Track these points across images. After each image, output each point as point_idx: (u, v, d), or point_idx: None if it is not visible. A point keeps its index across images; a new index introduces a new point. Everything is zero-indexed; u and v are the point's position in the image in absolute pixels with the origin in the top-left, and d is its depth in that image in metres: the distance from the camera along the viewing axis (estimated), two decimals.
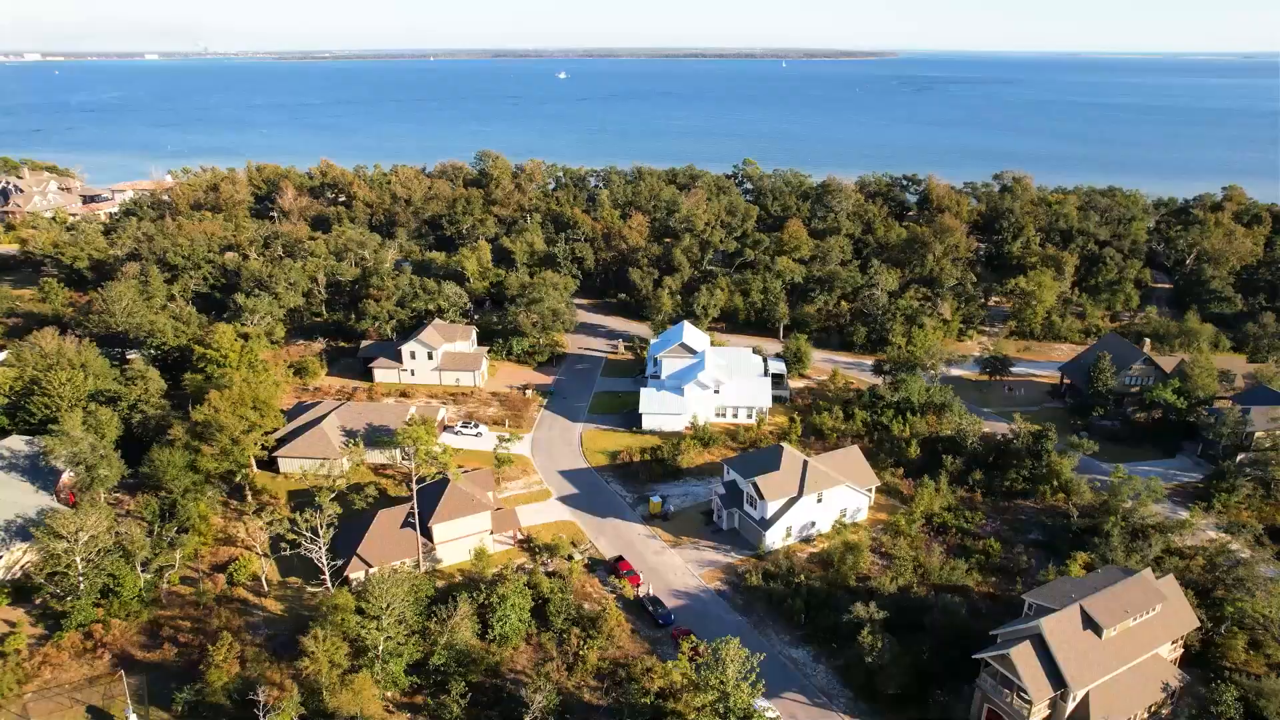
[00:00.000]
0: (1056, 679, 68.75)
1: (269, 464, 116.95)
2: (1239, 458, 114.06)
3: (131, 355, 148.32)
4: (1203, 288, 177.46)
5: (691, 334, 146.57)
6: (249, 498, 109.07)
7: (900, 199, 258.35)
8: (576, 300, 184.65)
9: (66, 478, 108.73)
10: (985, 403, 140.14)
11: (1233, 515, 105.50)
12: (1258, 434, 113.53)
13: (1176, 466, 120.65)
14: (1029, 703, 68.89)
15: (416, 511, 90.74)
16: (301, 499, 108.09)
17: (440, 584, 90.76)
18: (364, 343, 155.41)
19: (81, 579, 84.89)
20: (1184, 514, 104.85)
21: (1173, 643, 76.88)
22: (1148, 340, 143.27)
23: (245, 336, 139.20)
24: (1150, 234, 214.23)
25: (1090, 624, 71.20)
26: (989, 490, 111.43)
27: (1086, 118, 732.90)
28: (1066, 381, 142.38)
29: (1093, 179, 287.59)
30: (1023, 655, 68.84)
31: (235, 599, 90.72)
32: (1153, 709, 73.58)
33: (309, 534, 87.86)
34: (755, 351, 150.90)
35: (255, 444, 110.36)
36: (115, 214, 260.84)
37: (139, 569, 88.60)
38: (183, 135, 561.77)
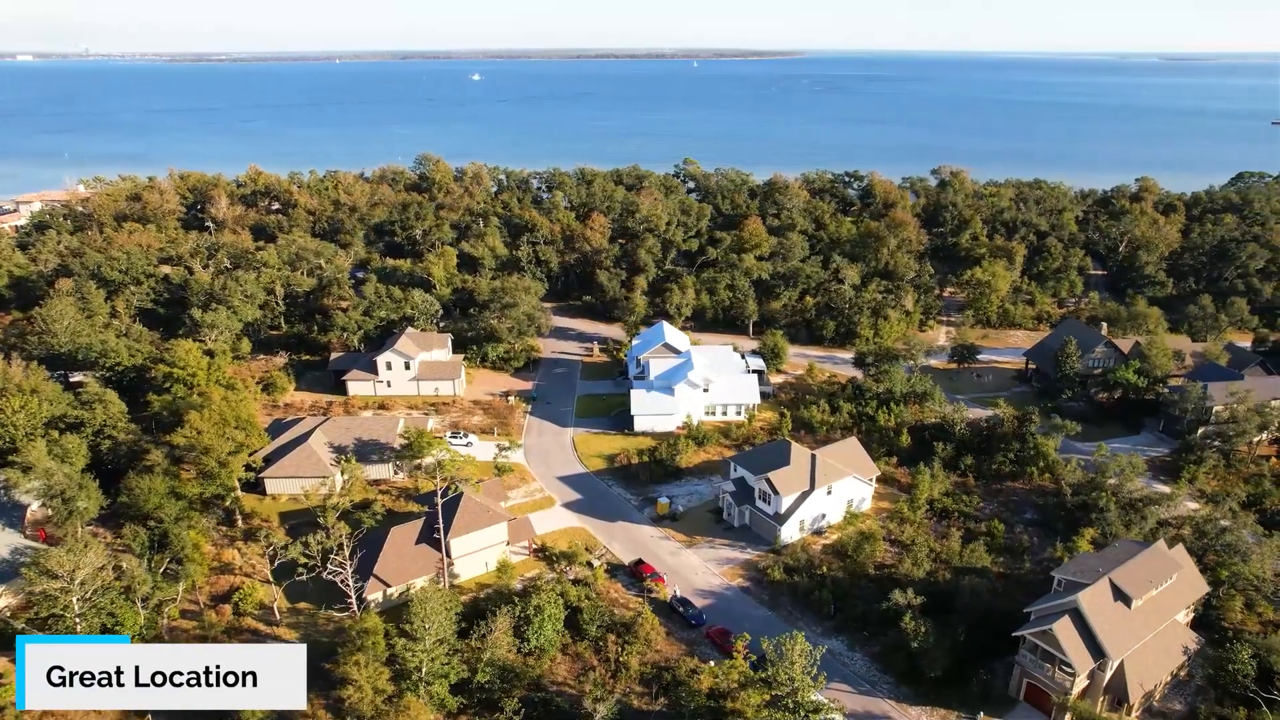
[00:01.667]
0: (1096, 650, 71.95)
1: (252, 486, 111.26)
2: (1199, 431, 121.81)
3: (76, 377, 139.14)
4: (1137, 273, 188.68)
5: (673, 334, 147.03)
6: (239, 522, 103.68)
7: (843, 195, 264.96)
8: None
9: (34, 512, 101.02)
10: (957, 390, 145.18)
11: (1208, 486, 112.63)
12: (1216, 408, 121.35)
13: (1142, 442, 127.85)
14: (1071, 675, 71.89)
15: (441, 527, 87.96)
16: (295, 520, 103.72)
17: (464, 599, 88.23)
18: (333, 355, 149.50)
19: (79, 620, 78.83)
20: (1158, 487, 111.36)
21: (1187, 609, 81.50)
22: (1104, 324, 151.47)
23: (210, 353, 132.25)
24: (1079, 223, 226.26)
25: (1120, 595, 74.84)
26: (979, 474, 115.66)
27: (997, 114, 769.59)
28: (1032, 366, 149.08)
29: (1013, 172, 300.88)
30: (1064, 629, 71.79)
31: (245, 630, 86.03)
32: (1174, 672, 77.78)
33: (322, 556, 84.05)
34: (734, 349, 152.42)
35: (240, 465, 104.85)
36: (23, 227, 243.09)
37: (138, 605, 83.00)
38: (81, 142, 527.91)
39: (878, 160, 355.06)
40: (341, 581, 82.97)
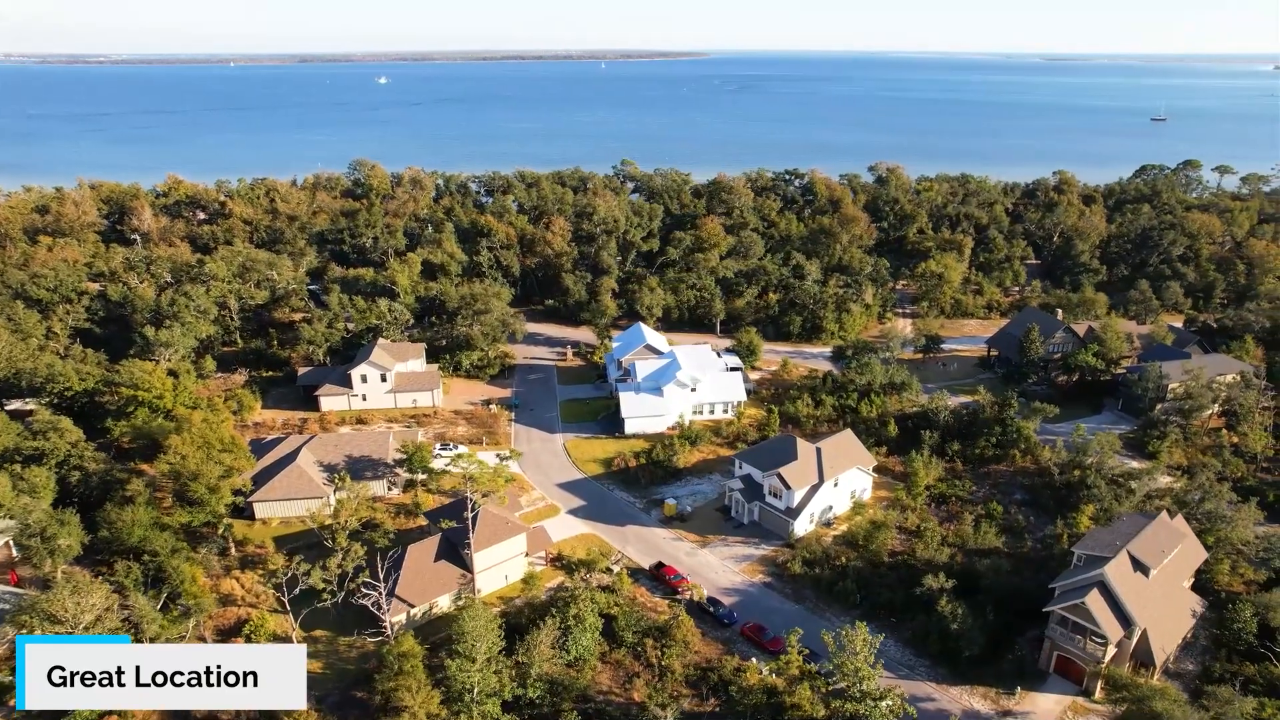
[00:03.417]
0: (1124, 619, 75.79)
1: (239, 511, 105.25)
2: (1157, 408, 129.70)
3: (11, 405, 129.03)
4: (1073, 261, 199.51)
5: (652, 336, 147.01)
6: (232, 550, 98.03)
7: (785, 192, 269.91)
8: None
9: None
10: (925, 379, 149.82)
11: (1176, 459, 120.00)
12: (1172, 386, 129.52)
13: (1105, 421, 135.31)
14: (1103, 644, 75.50)
15: (471, 541, 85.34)
16: (291, 545, 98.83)
17: (495, 612, 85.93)
18: (300, 370, 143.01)
19: None
20: (1130, 462, 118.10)
21: (1191, 574, 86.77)
22: (1059, 311, 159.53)
23: (174, 373, 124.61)
24: (1010, 215, 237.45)
25: (1139, 566, 79.08)
26: (965, 459, 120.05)
27: (906, 112, 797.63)
28: (994, 353, 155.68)
29: (938, 167, 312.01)
30: (1095, 601, 75.32)
31: None
32: (1185, 634, 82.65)
33: (338, 580, 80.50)
34: (710, 349, 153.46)
35: (230, 490, 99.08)
36: None
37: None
38: None
39: (804, 157, 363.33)
40: (373, 604, 79.51)
